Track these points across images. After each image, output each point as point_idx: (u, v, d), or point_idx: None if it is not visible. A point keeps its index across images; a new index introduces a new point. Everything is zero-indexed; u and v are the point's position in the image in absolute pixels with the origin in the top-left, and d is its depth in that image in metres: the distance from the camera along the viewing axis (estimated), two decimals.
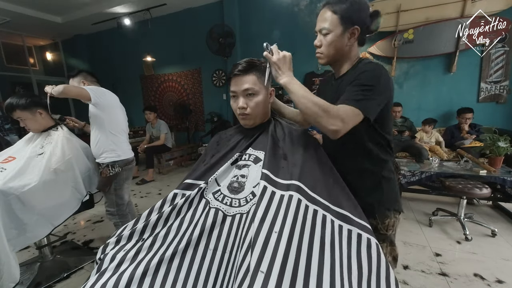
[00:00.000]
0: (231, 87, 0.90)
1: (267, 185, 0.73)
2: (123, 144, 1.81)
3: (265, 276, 0.55)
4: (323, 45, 0.88)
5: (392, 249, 0.94)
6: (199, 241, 0.71)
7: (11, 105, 1.55)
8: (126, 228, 0.82)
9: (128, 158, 1.83)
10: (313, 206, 0.71)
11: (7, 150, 1.73)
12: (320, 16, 0.87)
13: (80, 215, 2.41)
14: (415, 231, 2.22)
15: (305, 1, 4.13)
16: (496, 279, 1.61)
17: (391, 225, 0.91)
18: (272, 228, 0.63)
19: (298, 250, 0.61)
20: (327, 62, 0.92)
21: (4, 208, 1.32)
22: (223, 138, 1.01)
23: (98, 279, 0.66)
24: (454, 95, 3.59)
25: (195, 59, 5.18)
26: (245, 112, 0.88)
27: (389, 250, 0.93)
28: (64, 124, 1.82)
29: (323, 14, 0.86)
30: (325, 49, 0.88)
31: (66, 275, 1.76)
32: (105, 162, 1.72)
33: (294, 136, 0.90)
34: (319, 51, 0.90)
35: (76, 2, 4.74)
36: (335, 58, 0.91)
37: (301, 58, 4.16)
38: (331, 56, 0.89)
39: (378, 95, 0.79)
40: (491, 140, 2.32)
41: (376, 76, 0.80)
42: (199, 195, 0.82)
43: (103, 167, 1.73)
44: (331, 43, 0.86)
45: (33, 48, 6.91)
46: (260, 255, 0.58)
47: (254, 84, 0.86)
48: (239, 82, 0.86)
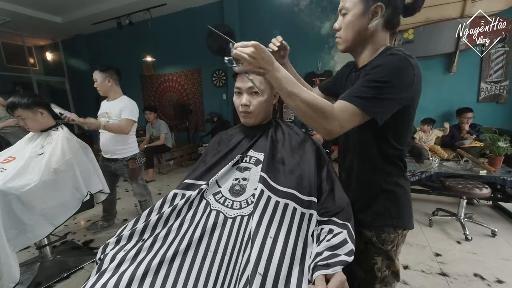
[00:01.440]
0: (236, 83, 0.88)
1: (264, 189, 0.74)
2: (135, 140, 2.24)
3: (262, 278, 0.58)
4: (342, 27, 0.76)
5: (389, 264, 0.85)
6: (199, 243, 0.72)
7: (13, 103, 1.56)
8: (126, 228, 0.82)
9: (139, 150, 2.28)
10: (309, 211, 0.73)
11: (7, 150, 1.73)
12: None
13: (80, 215, 2.41)
14: (415, 231, 2.22)
15: (305, 1, 4.13)
16: (496, 279, 1.62)
17: (388, 240, 0.82)
18: (267, 233, 0.66)
19: (292, 254, 0.64)
20: (345, 48, 0.79)
21: (4, 208, 1.32)
22: (224, 138, 1.00)
23: (98, 279, 0.66)
24: (454, 95, 3.59)
25: (195, 59, 5.17)
26: (248, 110, 0.87)
27: (385, 264, 0.85)
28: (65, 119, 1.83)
29: None
30: (344, 32, 0.76)
31: (66, 275, 1.76)
32: (126, 156, 2.12)
33: (293, 141, 0.90)
34: (337, 35, 0.79)
35: (76, 2, 4.73)
36: (355, 43, 0.77)
37: (301, 58, 4.17)
38: (350, 40, 0.76)
39: (393, 94, 0.66)
40: (491, 140, 2.32)
41: (395, 71, 0.66)
42: (200, 196, 0.82)
43: (127, 160, 2.12)
44: (349, 24, 0.74)
45: (33, 48, 6.91)
46: (258, 257, 0.61)
47: (260, 83, 0.85)
48: (245, 79, 0.85)
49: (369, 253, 0.85)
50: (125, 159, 2.13)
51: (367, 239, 0.84)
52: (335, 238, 0.66)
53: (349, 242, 0.66)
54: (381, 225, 0.82)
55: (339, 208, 0.76)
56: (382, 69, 0.67)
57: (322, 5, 3.96)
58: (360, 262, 0.85)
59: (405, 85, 0.68)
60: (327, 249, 0.64)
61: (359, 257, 0.77)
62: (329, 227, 0.70)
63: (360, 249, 0.82)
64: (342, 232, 0.68)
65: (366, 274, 0.87)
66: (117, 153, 2.11)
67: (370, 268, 0.86)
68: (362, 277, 0.88)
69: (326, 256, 0.62)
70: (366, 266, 0.87)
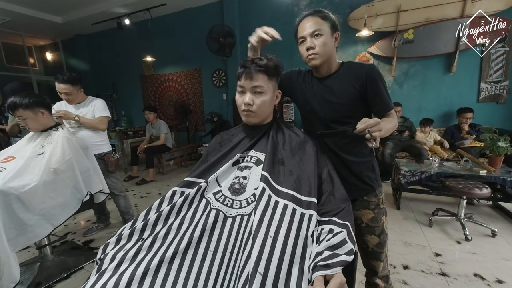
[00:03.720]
0: (240, 81, 0.88)
1: (265, 187, 0.75)
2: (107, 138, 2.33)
3: (262, 278, 0.58)
4: (317, 46, 0.93)
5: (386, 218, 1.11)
6: (199, 242, 0.71)
7: (14, 103, 1.56)
8: (126, 227, 0.82)
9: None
10: (309, 211, 0.73)
11: (7, 149, 1.72)
12: (308, 22, 0.94)
13: (80, 215, 2.41)
14: (415, 231, 2.22)
15: (305, 1, 4.13)
16: (496, 279, 1.61)
17: (383, 197, 1.09)
18: (268, 232, 0.66)
19: (292, 254, 0.64)
20: (321, 62, 0.96)
21: (4, 208, 1.32)
22: (225, 138, 1.00)
23: (98, 279, 0.66)
24: (454, 95, 3.59)
25: (195, 59, 5.18)
26: (251, 109, 0.87)
27: (386, 219, 1.09)
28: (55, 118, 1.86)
29: (312, 20, 0.93)
30: (321, 49, 0.93)
31: (66, 275, 1.76)
32: (104, 151, 2.21)
33: (293, 142, 0.90)
34: (313, 52, 0.94)
35: (76, 2, 4.74)
36: (327, 58, 0.96)
37: (300, 57, 4.16)
38: (326, 55, 0.95)
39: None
40: (491, 140, 2.32)
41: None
42: (200, 194, 0.82)
43: (107, 154, 2.21)
44: (325, 43, 0.93)
45: (33, 48, 6.92)
46: (258, 256, 0.61)
47: (263, 82, 0.86)
48: (251, 79, 0.85)
49: (378, 216, 1.05)
50: (101, 155, 2.17)
51: (374, 205, 1.05)
52: (335, 237, 0.66)
53: (348, 242, 0.66)
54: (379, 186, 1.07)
55: (340, 208, 0.76)
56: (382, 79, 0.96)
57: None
58: (374, 230, 1.04)
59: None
60: (327, 248, 0.64)
61: (372, 228, 1.04)
62: (329, 227, 0.70)
63: (371, 217, 1.04)
64: (342, 231, 0.68)
65: (379, 237, 1.05)
66: (97, 147, 2.16)
67: (381, 229, 1.05)
68: (376, 243, 1.05)
69: (326, 256, 0.62)
70: (378, 229, 1.05)
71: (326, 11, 0.96)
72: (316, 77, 1.05)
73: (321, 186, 0.82)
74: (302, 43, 0.97)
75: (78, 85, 2.04)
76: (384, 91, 0.95)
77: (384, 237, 1.06)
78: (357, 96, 0.96)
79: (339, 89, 0.98)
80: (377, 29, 3.68)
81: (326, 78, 1.02)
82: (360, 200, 1.05)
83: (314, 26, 0.93)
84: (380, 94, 0.95)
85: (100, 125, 2.12)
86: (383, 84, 0.94)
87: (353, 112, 0.98)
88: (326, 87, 1.01)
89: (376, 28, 3.68)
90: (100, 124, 2.11)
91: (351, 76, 0.97)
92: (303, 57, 0.99)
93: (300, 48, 1.00)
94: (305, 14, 0.97)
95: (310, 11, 0.97)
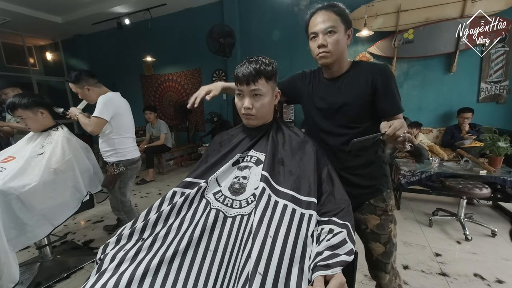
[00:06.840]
0: (238, 85, 0.87)
1: (265, 187, 0.75)
2: (129, 145, 1.91)
3: (262, 278, 0.58)
4: (329, 43, 0.87)
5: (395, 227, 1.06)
6: (199, 242, 0.71)
7: (13, 104, 1.56)
8: (126, 227, 0.81)
9: (134, 158, 1.93)
10: (309, 211, 0.73)
11: (7, 149, 1.72)
12: (321, 17, 0.87)
13: (80, 215, 2.42)
14: (415, 231, 2.22)
15: (305, 1, 4.13)
16: (496, 279, 1.61)
17: (392, 205, 1.03)
18: (268, 232, 0.66)
19: (292, 254, 0.64)
20: (332, 61, 0.90)
21: (4, 208, 1.32)
22: (225, 138, 1.00)
23: (98, 279, 0.65)
24: (454, 95, 3.59)
25: (195, 59, 5.18)
26: (251, 112, 0.87)
27: (395, 228, 1.04)
28: (66, 117, 1.82)
29: (326, 15, 0.87)
30: (333, 47, 0.87)
31: (66, 275, 1.76)
32: (111, 161, 1.84)
33: (293, 142, 0.90)
34: (325, 50, 0.88)
35: (76, 2, 4.74)
36: (339, 57, 0.91)
37: (300, 57, 4.17)
38: (338, 54, 0.89)
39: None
40: (491, 140, 2.32)
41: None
42: (200, 194, 0.82)
43: (109, 165, 1.84)
44: (338, 41, 0.87)
45: (33, 48, 6.91)
46: (258, 256, 0.61)
47: (262, 86, 0.85)
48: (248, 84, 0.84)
49: (385, 223, 1.00)
50: (107, 164, 1.87)
51: (382, 211, 1.00)
52: (335, 237, 0.66)
53: (348, 242, 0.66)
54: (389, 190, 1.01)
55: (340, 208, 0.76)
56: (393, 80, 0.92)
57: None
58: (379, 237, 1.00)
59: None
60: (327, 248, 0.64)
61: (378, 235, 0.99)
62: (329, 227, 0.70)
63: (377, 224, 0.99)
64: (342, 231, 0.68)
65: (385, 246, 1.00)
66: (105, 155, 1.87)
67: (388, 238, 1.00)
68: (381, 252, 1.01)
69: (326, 256, 0.62)
70: (384, 238, 1.00)
71: (341, 5, 0.88)
72: (326, 78, 0.99)
73: (321, 186, 0.82)
74: (313, 39, 0.90)
75: (80, 83, 1.74)
76: (396, 93, 0.90)
77: (390, 247, 1.00)
78: (369, 98, 0.92)
79: (351, 90, 0.93)
80: (377, 29, 3.68)
81: (336, 79, 0.96)
82: (366, 204, 1.01)
83: (327, 22, 0.86)
84: (392, 95, 0.90)
85: (88, 127, 1.68)
86: (395, 85, 0.90)
87: (363, 116, 0.95)
88: (337, 89, 0.96)
89: (376, 28, 3.68)
90: (89, 126, 1.68)
91: (363, 77, 0.91)
92: (313, 54, 0.92)
93: (310, 44, 0.92)
94: (318, 7, 0.89)
95: (323, 3, 0.89)
